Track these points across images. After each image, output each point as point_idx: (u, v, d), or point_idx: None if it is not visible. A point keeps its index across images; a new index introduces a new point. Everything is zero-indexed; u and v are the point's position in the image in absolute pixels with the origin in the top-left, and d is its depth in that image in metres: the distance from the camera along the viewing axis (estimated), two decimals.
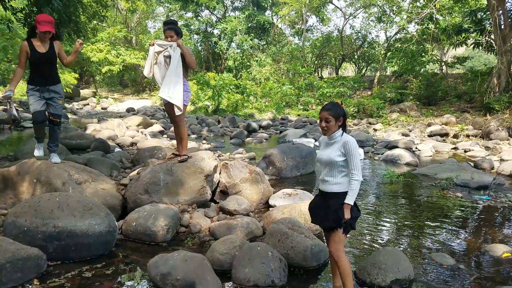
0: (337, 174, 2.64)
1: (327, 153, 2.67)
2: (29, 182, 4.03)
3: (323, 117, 2.65)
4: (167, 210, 3.94)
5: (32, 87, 4.18)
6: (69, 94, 25.88)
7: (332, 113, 2.62)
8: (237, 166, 4.99)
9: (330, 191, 2.66)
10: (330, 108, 2.65)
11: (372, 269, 3.10)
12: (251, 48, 28.48)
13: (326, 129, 2.65)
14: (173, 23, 4.46)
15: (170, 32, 4.37)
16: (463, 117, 16.03)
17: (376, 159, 9.34)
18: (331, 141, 2.69)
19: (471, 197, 5.89)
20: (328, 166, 2.66)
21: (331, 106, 2.66)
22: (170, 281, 2.75)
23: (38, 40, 4.09)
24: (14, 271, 2.85)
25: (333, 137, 2.68)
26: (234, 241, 3.35)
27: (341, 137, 2.65)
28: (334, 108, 2.65)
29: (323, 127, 2.66)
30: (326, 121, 2.63)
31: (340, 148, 2.62)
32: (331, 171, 2.65)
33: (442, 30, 18.41)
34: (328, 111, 2.63)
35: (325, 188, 2.69)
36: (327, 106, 2.68)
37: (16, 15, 6.81)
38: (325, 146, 2.74)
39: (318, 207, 2.77)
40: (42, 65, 4.14)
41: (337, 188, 2.64)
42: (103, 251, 3.49)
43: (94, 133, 10.38)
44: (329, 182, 2.66)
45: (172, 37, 4.37)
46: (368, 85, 23.89)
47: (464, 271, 3.37)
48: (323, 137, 2.83)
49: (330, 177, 2.65)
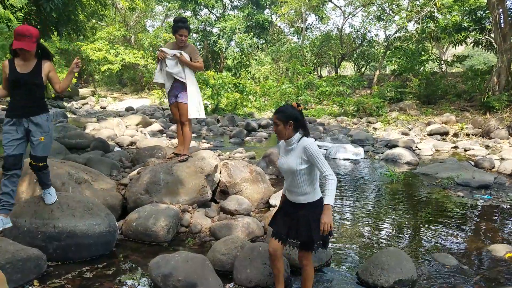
0: (302, 184, 2.47)
1: (287, 161, 2.51)
2: (29, 182, 3.99)
3: (274, 120, 2.54)
4: (168, 210, 3.91)
5: (8, 120, 3.15)
6: (68, 93, 25.81)
7: (280, 116, 2.48)
8: (238, 166, 4.96)
9: (297, 202, 2.53)
10: (278, 111, 2.50)
11: (375, 270, 3.08)
12: (250, 47, 28.44)
13: (277, 133, 2.54)
14: (187, 21, 4.44)
15: (185, 31, 4.35)
16: (463, 116, 16.03)
17: (376, 158, 9.32)
18: (289, 147, 2.52)
19: (473, 197, 5.88)
20: (290, 175, 2.49)
21: (280, 109, 2.51)
22: (171, 282, 2.72)
23: (21, 58, 3.15)
24: (14, 272, 2.82)
25: (290, 143, 2.51)
26: (235, 241, 3.33)
27: (299, 142, 2.47)
28: (283, 111, 2.49)
29: (274, 131, 2.57)
30: (275, 125, 2.51)
31: (300, 155, 2.44)
32: (294, 180, 2.49)
33: (442, 28, 18.39)
34: (276, 114, 2.50)
35: (292, 199, 2.56)
36: (277, 109, 2.53)
37: (16, 14, 6.75)
38: (284, 153, 2.58)
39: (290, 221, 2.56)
40: (20, 89, 3.12)
41: (304, 199, 2.50)
42: (104, 252, 3.46)
43: (94, 133, 10.34)
44: (295, 192, 2.52)
45: (186, 36, 4.36)
46: (368, 84, 23.87)
47: (467, 271, 3.35)
48: (282, 142, 2.65)
49: (295, 187, 2.51)
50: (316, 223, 2.44)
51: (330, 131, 13.53)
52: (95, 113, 20.86)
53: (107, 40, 26.84)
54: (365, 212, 5.07)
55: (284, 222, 2.60)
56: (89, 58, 25.71)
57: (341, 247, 3.85)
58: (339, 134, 12.68)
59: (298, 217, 2.51)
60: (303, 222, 2.49)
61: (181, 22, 4.35)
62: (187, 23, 4.40)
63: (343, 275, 3.26)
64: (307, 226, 2.47)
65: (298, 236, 2.51)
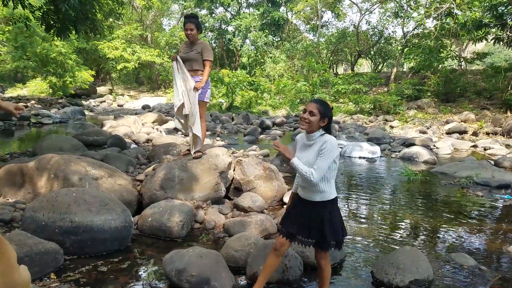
0: (320, 182, 2.37)
1: (305, 156, 2.40)
2: (47, 177, 4.08)
3: (308, 108, 2.37)
4: (182, 206, 3.94)
5: None
6: (86, 91, 26.27)
7: (320, 108, 2.36)
8: (251, 163, 4.95)
9: (312, 200, 2.44)
10: (319, 102, 2.39)
11: (390, 269, 3.03)
12: (265, 45, 28.38)
13: (308, 122, 2.36)
14: (194, 16, 4.44)
15: (190, 25, 4.34)
16: (482, 114, 15.66)
17: (393, 157, 9.19)
18: (310, 141, 2.42)
19: (492, 196, 5.73)
20: None
21: (322, 102, 2.41)
22: (185, 277, 2.74)
23: None
24: (32, 265, 2.87)
25: (312, 137, 2.40)
26: (249, 238, 3.33)
27: (320, 138, 2.39)
28: (323, 105, 2.39)
29: (304, 119, 2.37)
30: (311, 113, 2.35)
31: (319, 150, 2.35)
32: None
33: (462, 25, 17.97)
34: (316, 104, 2.38)
35: (306, 196, 2.47)
36: (316, 100, 2.43)
37: (34, 14, 6.89)
38: (303, 148, 2.46)
39: (305, 220, 2.48)
40: None
41: (320, 197, 2.41)
42: (119, 246, 3.51)
43: (111, 130, 10.50)
44: (311, 190, 2.42)
45: (192, 30, 4.36)
46: (385, 82, 23.54)
47: (486, 272, 3.27)
48: (301, 136, 2.53)
49: (311, 185, 2.39)
50: (330, 223, 2.41)
51: (345, 129, 13.41)
52: (112, 111, 21.17)
53: (124, 39, 27.20)
54: (381, 211, 5.00)
55: (296, 220, 2.53)
56: (106, 56, 26.08)
57: (355, 246, 3.80)
58: (355, 133, 12.55)
59: (312, 216, 2.45)
60: (316, 220, 2.44)
61: (187, 17, 4.38)
62: (194, 18, 4.40)
63: (358, 274, 3.23)
64: (321, 225, 2.43)
65: (311, 235, 2.46)
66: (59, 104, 20.56)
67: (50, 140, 6.91)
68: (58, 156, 4.23)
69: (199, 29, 4.42)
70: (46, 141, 6.86)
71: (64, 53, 19.86)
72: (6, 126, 12.36)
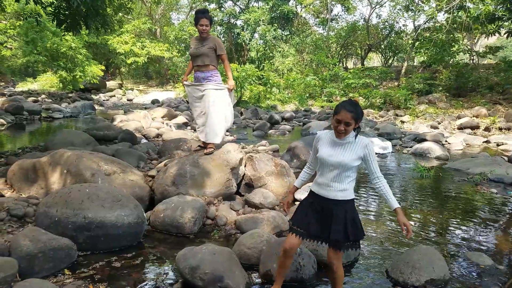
0: (345, 180, 2.37)
1: (338, 155, 2.35)
2: (60, 173, 4.10)
3: (343, 119, 2.26)
4: (194, 202, 3.93)
5: None
6: (96, 86, 26.42)
7: (354, 115, 2.26)
8: (262, 159, 4.92)
9: (333, 198, 2.40)
10: (352, 110, 2.25)
11: (406, 268, 2.99)
12: (274, 39, 28.18)
13: (344, 132, 2.31)
14: (208, 11, 4.43)
15: (205, 21, 4.33)
16: (495, 109, 15.40)
17: (405, 153, 9.08)
18: (342, 140, 2.37)
19: (507, 193, 5.63)
20: (336, 169, 2.36)
21: (353, 108, 2.27)
22: (198, 274, 2.73)
23: None
24: (46, 261, 2.90)
25: (346, 138, 2.36)
26: (261, 235, 3.31)
27: (356, 139, 2.35)
28: (356, 109, 2.28)
29: (340, 130, 2.30)
30: (347, 124, 2.27)
31: (357, 151, 2.34)
32: (339, 175, 2.37)
33: (474, 18, 17.63)
34: (351, 113, 2.25)
35: (327, 194, 2.41)
36: (348, 107, 2.27)
37: (46, 9, 6.90)
38: (333, 146, 2.40)
39: (321, 219, 2.44)
40: None
41: (342, 195, 2.38)
42: (132, 242, 3.52)
43: (121, 125, 10.54)
44: (334, 188, 2.38)
45: (207, 26, 4.34)
46: (395, 76, 23.27)
47: (503, 272, 3.21)
48: (325, 134, 2.47)
49: (336, 182, 2.38)
50: (353, 222, 2.39)
51: None
52: (122, 105, 21.28)
53: (133, 33, 27.25)
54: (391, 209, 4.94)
55: (314, 218, 2.48)
56: (116, 51, 26.17)
57: (369, 244, 3.76)
58: (365, 127, 12.43)
59: (332, 214, 2.40)
60: (339, 220, 2.38)
61: (201, 12, 4.37)
62: (208, 13, 4.39)
63: (372, 273, 3.19)
64: (344, 224, 2.39)
65: (332, 233, 2.39)
66: (69, 98, 20.72)
67: (62, 135, 6.94)
68: (71, 152, 4.24)
69: (212, 24, 4.40)
70: (57, 136, 6.90)
71: (74, 48, 19.98)
72: (17, 120, 12.49)
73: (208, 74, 4.40)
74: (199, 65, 4.43)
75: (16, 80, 29.46)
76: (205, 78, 4.44)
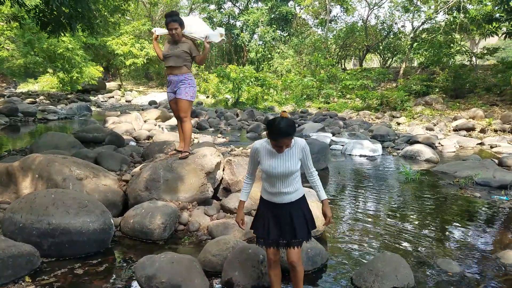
0: (293, 182, 2.45)
1: (282, 164, 2.38)
2: (31, 178, 4.08)
3: (284, 144, 2.30)
4: (165, 207, 3.89)
5: None
6: (95, 87, 26.49)
7: (292, 135, 2.30)
8: (241, 163, 4.88)
9: (289, 202, 2.46)
10: (290, 133, 2.27)
11: (369, 276, 2.94)
12: (273, 40, 28.17)
13: (284, 149, 2.36)
14: (176, 14, 4.37)
15: (174, 24, 4.27)
16: (491, 110, 15.30)
17: (395, 155, 9.03)
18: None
19: (490, 198, 5.56)
20: (283, 177, 2.41)
21: (291, 129, 2.27)
22: (154, 283, 2.70)
23: None
24: (4, 268, 2.87)
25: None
26: (228, 242, 3.27)
27: (293, 142, 2.38)
28: (292, 129, 2.29)
29: (283, 150, 2.35)
30: (287, 145, 2.33)
31: (298, 154, 2.42)
32: (287, 180, 2.42)
33: (472, 19, 17.51)
34: (290, 136, 2.28)
35: (281, 200, 2.45)
36: (285, 133, 2.25)
37: (29, 13, 6.88)
38: (273, 156, 2.41)
39: (281, 223, 2.47)
40: None
41: (295, 196, 2.48)
42: (98, 249, 3.49)
43: (113, 126, 10.54)
44: (286, 192, 2.44)
45: (177, 29, 4.29)
46: (393, 77, 23.18)
47: (471, 279, 3.15)
48: (261, 144, 2.46)
49: (287, 187, 2.43)
50: (309, 215, 2.54)
51: (350, 126, 13.22)
52: (119, 106, 21.32)
53: (132, 34, 27.29)
54: (370, 213, 4.89)
55: (276, 226, 2.49)
56: (115, 52, 26.21)
57: (339, 250, 3.72)
58: (358, 129, 12.37)
59: (292, 216, 2.46)
60: (299, 218, 2.48)
61: (169, 16, 4.31)
62: (176, 16, 4.33)
63: (337, 280, 3.14)
64: (304, 220, 2.49)
65: (296, 234, 2.44)
66: (67, 99, 20.78)
67: (47, 138, 6.94)
68: (42, 156, 4.22)
69: (183, 26, 4.35)
70: (42, 139, 6.90)
71: (71, 49, 20.01)
72: (11, 122, 12.54)
73: (182, 78, 4.37)
74: (172, 66, 4.39)
75: (17, 81, 29.61)
76: (179, 81, 4.40)
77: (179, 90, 4.39)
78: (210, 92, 22.94)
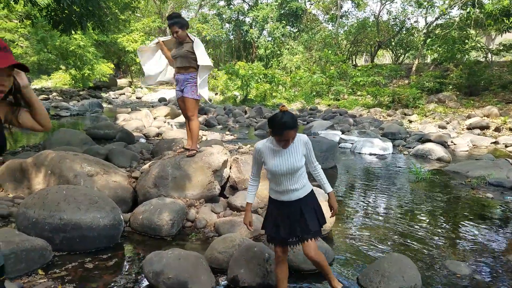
0: (299, 178, 2.47)
1: (286, 161, 2.40)
2: (44, 174, 4.17)
3: (289, 137, 2.31)
4: (173, 204, 3.94)
5: None
6: (106, 84, 26.78)
7: (296, 128, 2.34)
8: (248, 161, 4.90)
9: (297, 199, 2.48)
10: (294, 125, 2.30)
11: (375, 277, 2.94)
12: (282, 36, 28.03)
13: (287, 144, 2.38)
14: (177, 16, 4.38)
15: (174, 28, 4.28)
16: (507, 108, 15.02)
17: (406, 154, 8.94)
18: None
19: (503, 198, 5.48)
20: (289, 174, 2.42)
21: (293, 122, 2.30)
22: (162, 279, 2.74)
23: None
24: (18, 262, 2.94)
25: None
26: (234, 239, 3.30)
27: (295, 139, 2.41)
28: (295, 122, 2.33)
29: (288, 145, 2.37)
30: (292, 138, 2.36)
31: (301, 150, 2.45)
32: (293, 178, 2.44)
33: (488, 14, 17.18)
34: (294, 129, 2.31)
35: (289, 198, 2.48)
36: (289, 125, 2.28)
37: (41, 12, 6.98)
38: (276, 154, 2.43)
39: (290, 221, 2.49)
40: None
41: (303, 192, 2.51)
42: (108, 244, 3.55)
43: (123, 123, 10.65)
44: (296, 189, 2.47)
45: (178, 32, 4.31)
46: (406, 74, 22.90)
47: (480, 282, 3.12)
48: (264, 145, 2.48)
49: (294, 184, 2.45)
50: (318, 209, 2.56)
51: (360, 124, 13.13)
52: (130, 103, 21.52)
53: (143, 31, 27.47)
54: (376, 213, 4.87)
55: (285, 224, 2.52)
56: (125, 49, 26.43)
57: (345, 250, 3.71)
58: (369, 127, 12.28)
59: (303, 212, 2.49)
60: (310, 213, 2.50)
61: (170, 19, 4.33)
62: (177, 18, 4.32)
63: (342, 280, 3.14)
64: (314, 214, 2.52)
65: (309, 229, 2.47)
66: (80, 96, 21.07)
67: (59, 134, 7.07)
68: (54, 153, 4.30)
69: (184, 27, 4.36)
70: (55, 135, 7.03)
71: (82, 46, 20.26)
72: None
73: (188, 76, 4.40)
74: (179, 67, 4.43)
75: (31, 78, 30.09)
76: (185, 80, 4.44)
77: (185, 89, 4.42)
78: (218, 89, 23.00)
